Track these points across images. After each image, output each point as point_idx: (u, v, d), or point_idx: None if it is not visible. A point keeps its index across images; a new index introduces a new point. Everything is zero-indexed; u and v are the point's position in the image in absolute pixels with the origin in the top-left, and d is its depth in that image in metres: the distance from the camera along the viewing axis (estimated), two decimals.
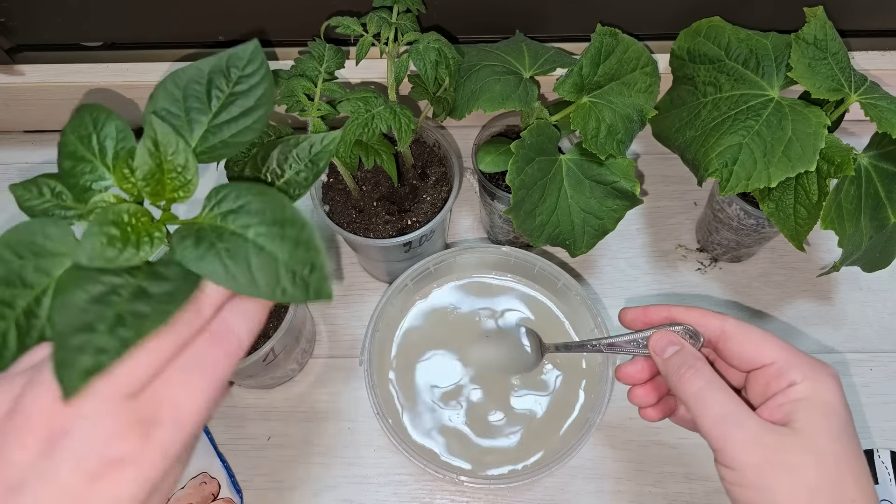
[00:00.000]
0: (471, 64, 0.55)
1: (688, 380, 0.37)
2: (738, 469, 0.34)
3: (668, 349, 0.40)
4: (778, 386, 0.36)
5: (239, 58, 0.36)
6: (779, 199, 0.51)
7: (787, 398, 0.35)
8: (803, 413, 0.34)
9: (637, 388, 0.43)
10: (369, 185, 0.62)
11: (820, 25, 0.50)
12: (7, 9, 0.63)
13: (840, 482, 0.33)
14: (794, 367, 0.36)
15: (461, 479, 0.52)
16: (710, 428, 0.35)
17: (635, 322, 0.43)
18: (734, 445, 0.34)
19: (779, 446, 0.33)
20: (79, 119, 0.34)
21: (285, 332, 0.53)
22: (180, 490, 0.58)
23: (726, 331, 0.39)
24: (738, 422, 0.35)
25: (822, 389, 0.35)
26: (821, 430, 0.34)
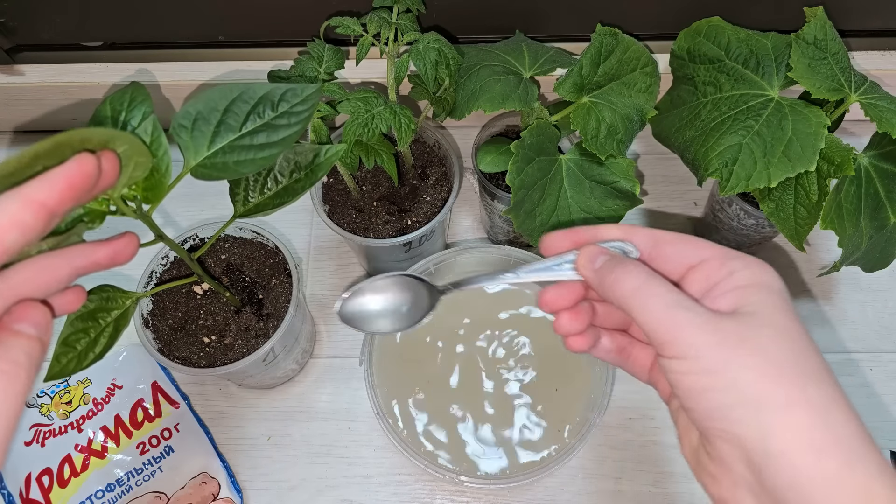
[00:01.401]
0: (471, 64, 0.55)
1: (624, 279, 0.34)
2: (690, 356, 0.30)
3: (599, 258, 0.35)
4: (719, 275, 0.33)
5: (296, 94, 0.37)
6: (779, 199, 0.51)
7: (731, 284, 0.32)
8: (752, 296, 0.32)
9: (563, 315, 0.37)
10: (369, 185, 0.62)
11: (820, 25, 0.50)
12: (7, 9, 0.63)
13: (801, 355, 0.31)
14: (733, 259, 0.33)
15: (461, 479, 0.52)
16: (657, 319, 0.32)
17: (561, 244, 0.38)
18: (686, 331, 0.31)
19: (734, 326, 0.31)
20: (122, 93, 0.37)
21: (285, 332, 0.53)
22: (180, 490, 0.58)
23: (658, 238, 0.36)
24: (688, 307, 0.32)
25: (765, 275, 0.33)
26: (773, 308, 0.32)
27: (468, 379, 0.58)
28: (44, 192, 0.27)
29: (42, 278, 0.30)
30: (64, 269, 0.31)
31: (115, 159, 0.30)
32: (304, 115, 0.37)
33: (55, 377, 0.40)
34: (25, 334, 0.29)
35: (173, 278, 0.56)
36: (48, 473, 0.58)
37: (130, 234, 0.34)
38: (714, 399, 0.30)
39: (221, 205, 0.44)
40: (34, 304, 0.30)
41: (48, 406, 0.61)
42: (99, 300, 0.42)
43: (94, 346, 0.41)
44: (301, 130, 0.37)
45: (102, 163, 0.29)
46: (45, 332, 0.30)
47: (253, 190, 0.44)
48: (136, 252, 0.34)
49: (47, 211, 0.27)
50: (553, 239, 0.38)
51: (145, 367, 0.63)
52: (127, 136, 0.30)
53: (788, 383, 0.29)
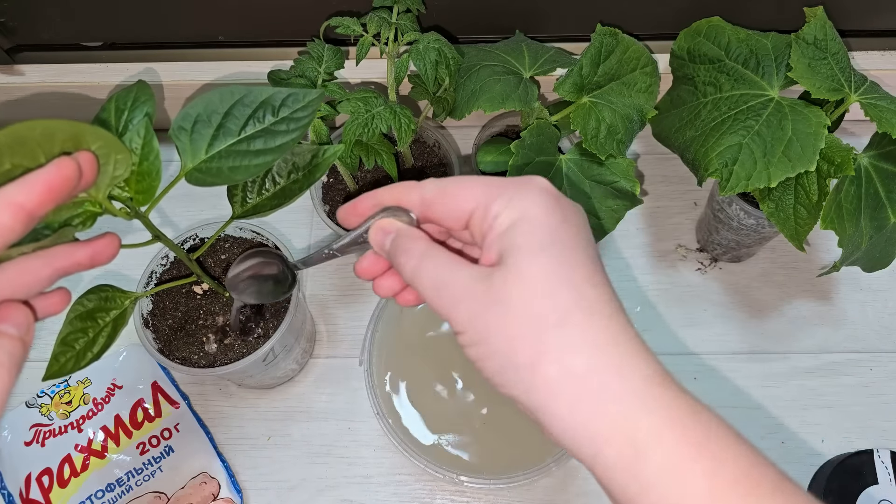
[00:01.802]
0: (471, 64, 0.55)
1: (404, 264, 0.33)
2: (463, 331, 0.30)
3: (386, 240, 0.35)
4: (485, 227, 0.32)
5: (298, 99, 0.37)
6: (779, 199, 0.51)
7: (494, 234, 0.31)
8: (507, 241, 0.30)
9: (380, 280, 0.38)
10: (369, 185, 0.62)
11: (820, 25, 0.50)
12: (7, 9, 0.63)
13: (546, 299, 0.29)
14: (495, 200, 0.32)
15: (461, 478, 0.52)
16: (432, 303, 0.32)
17: (349, 218, 0.37)
18: (450, 306, 0.31)
19: (487, 287, 0.30)
20: (127, 91, 0.36)
21: (285, 332, 0.53)
22: (180, 490, 0.58)
23: (426, 197, 0.34)
24: (449, 282, 0.31)
25: (525, 207, 0.31)
26: (523, 252, 0.30)
27: (466, 379, 0.58)
28: (23, 194, 0.27)
29: (23, 280, 0.31)
30: (45, 271, 0.31)
31: (92, 160, 0.30)
32: (304, 122, 0.37)
33: (53, 376, 0.40)
34: (7, 334, 0.29)
35: (173, 278, 0.56)
36: (48, 473, 0.58)
37: (111, 234, 0.34)
38: (489, 366, 0.30)
39: (221, 205, 0.44)
40: (16, 304, 0.30)
41: (48, 406, 0.61)
42: (98, 300, 0.42)
43: (92, 345, 0.41)
44: (299, 137, 0.36)
45: (81, 164, 0.29)
46: (27, 332, 0.30)
47: (251, 191, 0.44)
48: (117, 252, 0.34)
49: (26, 213, 0.27)
50: (344, 214, 0.37)
51: (145, 367, 0.63)
52: (98, 131, 0.30)
53: (530, 340, 0.29)
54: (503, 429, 0.57)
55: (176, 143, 0.36)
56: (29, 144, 0.27)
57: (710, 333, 0.66)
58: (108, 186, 0.33)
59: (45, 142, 0.28)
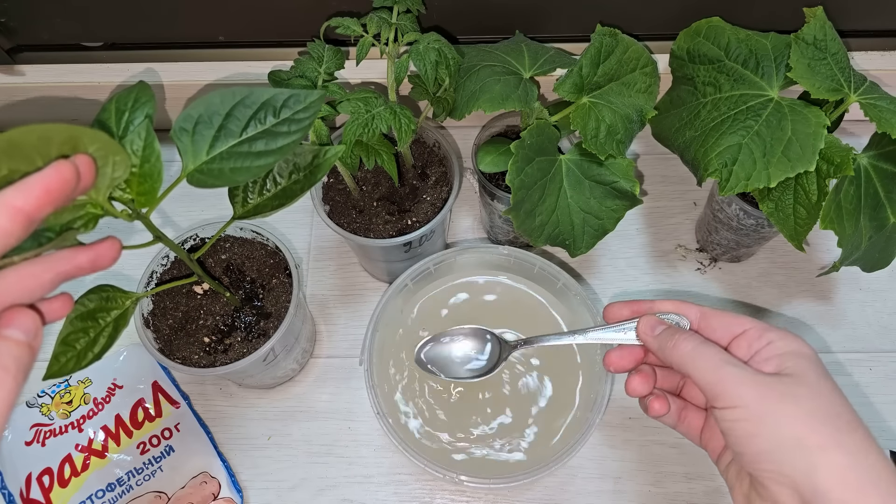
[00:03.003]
0: (471, 64, 0.55)
1: (681, 343, 0.40)
2: (738, 405, 0.36)
3: (658, 328, 0.43)
4: (759, 344, 0.39)
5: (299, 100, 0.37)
6: (778, 199, 0.51)
7: (772, 352, 0.38)
8: (790, 362, 0.38)
9: (633, 379, 0.45)
10: (369, 185, 0.62)
11: (819, 25, 0.50)
12: (7, 9, 0.63)
13: (836, 408, 0.36)
14: (769, 331, 0.40)
15: (461, 478, 0.53)
16: (710, 375, 0.38)
17: (621, 313, 0.46)
18: (735, 384, 0.37)
19: (777, 383, 0.37)
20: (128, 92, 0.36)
21: (285, 332, 0.53)
22: (181, 490, 0.59)
23: (705, 311, 0.43)
24: (736, 364, 0.38)
25: (800, 345, 0.39)
26: (809, 371, 0.37)
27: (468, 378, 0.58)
28: (21, 197, 0.27)
29: (25, 284, 0.31)
30: (47, 275, 0.31)
31: (90, 162, 0.30)
32: (306, 123, 0.37)
33: (54, 376, 0.40)
34: (14, 339, 0.29)
35: (174, 278, 0.56)
36: (49, 473, 0.59)
37: (112, 238, 0.34)
38: (761, 443, 0.36)
39: (221, 205, 0.44)
40: (24, 309, 0.30)
41: (49, 406, 0.61)
42: (98, 300, 0.42)
43: (93, 345, 0.41)
44: (300, 139, 0.36)
45: (79, 166, 0.29)
46: (35, 337, 0.30)
47: (252, 191, 0.44)
48: (119, 256, 0.35)
49: (25, 216, 0.27)
50: (615, 308, 0.46)
51: (146, 367, 0.63)
52: (95, 133, 0.29)
53: (822, 431, 0.35)
54: (503, 428, 0.57)
55: (177, 144, 0.36)
56: (25, 149, 0.27)
57: None
58: (108, 188, 0.33)
59: (42, 146, 0.28)
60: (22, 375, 0.29)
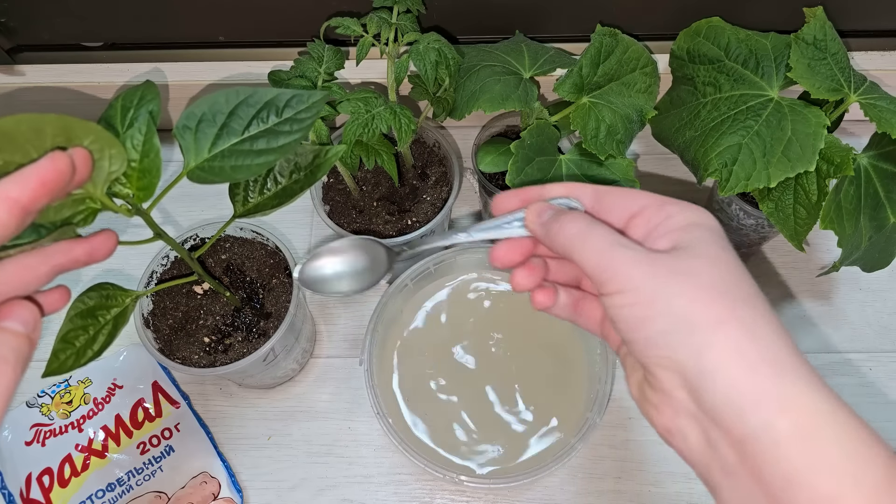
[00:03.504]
0: (471, 64, 0.55)
1: (567, 226, 0.35)
2: (628, 289, 0.32)
3: (546, 212, 0.37)
4: (657, 219, 0.35)
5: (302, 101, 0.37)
6: (778, 200, 0.51)
7: (669, 227, 0.34)
8: (687, 234, 0.33)
9: (518, 272, 0.39)
10: (369, 185, 0.62)
11: (819, 25, 0.50)
12: (7, 9, 0.63)
13: (734, 279, 0.32)
14: (669, 204, 0.35)
15: (461, 478, 0.53)
16: (596, 258, 0.33)
17: (509, 203, 0.40)
18: (623, 266, 0.32)
19: (669, 259, 0.32)
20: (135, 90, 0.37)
21: (285, 332, 0.53)
22: (181, 490, 0.59)
23: (600, 191, 0.38)
24: (625, 244, 0.33)
25: (701, 215, 0.34)
26: (707, 242, 0.33)
27: (468, 379, 0.58)
28: (17, 189, 0.27)
29: (21, 277, 0.31)
30: (43, 267, 0.32)
31: (86, 155, 0.30)
32: (307, 123, 0.37)
33: (53, 373, 0.40)
34: (13, 331, 0.29)
35: (174, 278, 0.56)
36: (49, 473, 0.58)
37: (108, 231, 0.34)
38: (651, 327, 0.31)
39: (222, 204, 0.44)
40: (22, 301, 0.30)
41: (49, 406, 0.61)
42: (98, 297, 0.42)
43: (92, 343, 0.41)
44: (301, 138, 0.37)
45: (75, 159, 0.29)
46: (34, 329, 0.30)
47: (252, 190, 0.44)
48: (114, 249, 0.35)
49: (21, 208, 0.27)
50: (503, 198, 0.40)
51: (146, 367, 0.63)
52: (88, 125, 0.30)
53: (719, 304, 0.30)
54: (504, 429, 0.57)
55: (179, 142, 0.36)
56: (18, 140, 0.27)
57: None
58: (106, 182, 0.33)
59: (35, 137, 0.28)
60: (21, 367, 0.29)
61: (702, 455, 0.31)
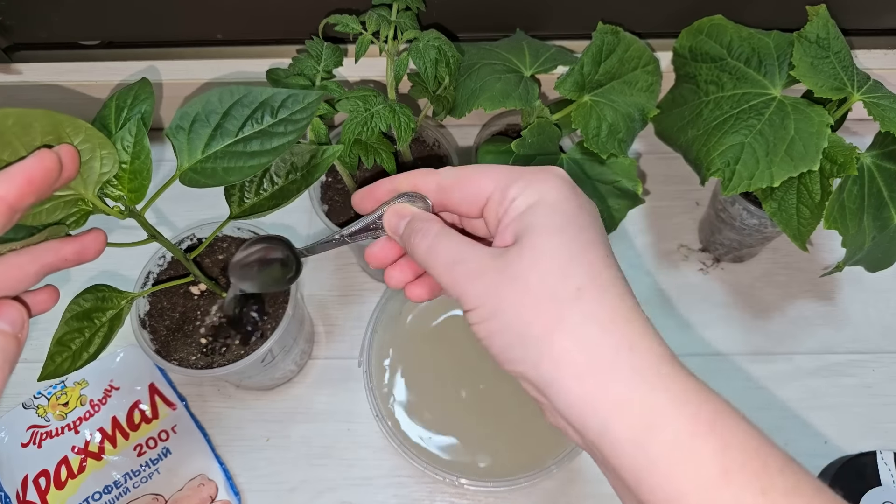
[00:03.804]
0: (471, 62, 0.55)
1: (418, 244, 0.34)
2: (475, 306, 0.31)
3: (400, 224, 0.36)
4: (501, 209, 0.33)
5: (297, 101, 0.37)
6: (781, 199, 0.51)
7: (510, 217, 0.32)
8: (524, 222, 0.31)
9: (391, 270, 0.38)
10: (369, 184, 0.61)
11: (822, 24, 0.50)
12: (4, 7, 0.63)
13: (563, 274, 0.30)
14: (512, 185, 0.33)
15: (461, 481, 0.52)
16: (444, 279, 0.32)
17: (364, 203, 0.39)
18: (466, 284, 0.31)
19: (503, 264, 0.31)
20: (129, 89, 0.37)
21: (283, 333, 0.53)
22: (178, 492, 0.58)
23: (443, 182, 0.35)
24: (464, 259, 0.32)
25: (543, 191, 0.32)
26: (540, 231, 0.31)
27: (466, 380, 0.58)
28: (3, 187, 0.27)
29: (10, 275, 0.31)
30: (32, 266, 0.31)
31: (73, 152, 0.30)
32: (303, 124, 0.37)
33: (49, 376, 0.40)
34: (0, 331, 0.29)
35: (170, 279, 0.55)
36: (45, 475, 0.58)
37: (97, 230, 0.34)
38: (498, 342, 0.31)
39: (219, 205, 0.44)
40: (10, 301, 0.30)
41: (45, 407, 0.61)
42: (94, 300, 0.41)
43: (88, 345, 0.41)
44: (295, 140, 0.36)
45: (62, 157, 0.29)
46: (21, 329, 0.30)
47: (249, 191, 0.43)
48: (103, 248, 0.34)
49: (7, 206, 0.27)
50: (359, 198, 0.39)
51: (142, 369, 0.63)
52: (77, 122, 0.29)
53: (545, 312, 0.29)
54: (504, 430, 0.56)
55: (173, 143, 0.35)
56: (5, 135, 0.27)
57: (713, 334, 0.65)
58: (97, 184, 0.32)
59: (23, 132, 0.27)
60: (8, 367, 0.29)
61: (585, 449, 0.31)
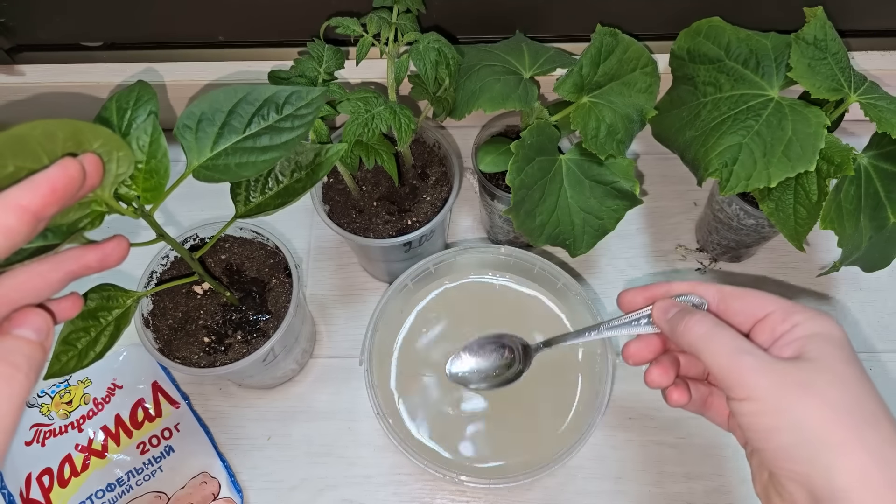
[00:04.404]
0: (471, 64, 0.55)
1: (694, 325, 0.37)
2: (754, 397, 0.33)
3: (672, 310, 0.39)
4: (783, 328, 0.36)
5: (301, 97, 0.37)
6: (778, 199, 0.51)
7: (795, 336, 0.35)
8: (813, 345, 0.34)
9: (652, 370, 0.42)
10: (369, 185, 0.62)
11: (820, 25, 0.50)
12: (7, 9, 0.63)
13: (859, 398, 0.33)
14: (796, 312, 0.36)
15: (461, 478, 0.52)
16: (722, 361, 0.35)
17: (636, 299, 0.43)
18: (749, 373, 0.34)
19: (795, 370, 0.34)
20: (128, 91, 0.37)
21: (285, 332, 0.53)
22: (180, 490, 0.59)
23: (725, 291, 0.39)
24: (752, 352, 0.35)
25: (827, 326, 0.36)
26: (832, 356, 0.34)
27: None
28: (27, 196, 0.27)
29: (34, 283, 0.31)
30: (55, 274, 0.32)
31: (97, 161, 0.30)
32: (308, 119, 0.37)
33: (55, 375, 0.40)
34: (25, 338, 0.29)
35: (174, 278, 0.56)
36: (48, 473, 0.58)
37: (120, 236, 0.34)
38: (779, 439, 0.33)
39: (222, 204, 0.44)
40: (35, 309, 0.30)
41: (48, 406, 0.61)
42: (100, 299, 0.42)
43: (94, 344, 0.41)
44: (304, 134, 0.37)
45: (85, 165, 0.29)
46: (47, 337, 0.30)
47: (254, 190, 0.44)
48: (126, 254, 0.35)
49: (31, 215, 0.27)
50: (629, 295, 0.43)
51: (145, 367, 0.63)
52: (97, 128, 0.29)
53: (845, 425, 0.32)
54: (504, 429, 0.57)
55: (181, 142, 0.36)
56: (31, 145, 0.27)
57: None
58: (113, 185, 0.33)
59: (47, 142, 0.28)
60: (34, 374, 0.29)
61: None
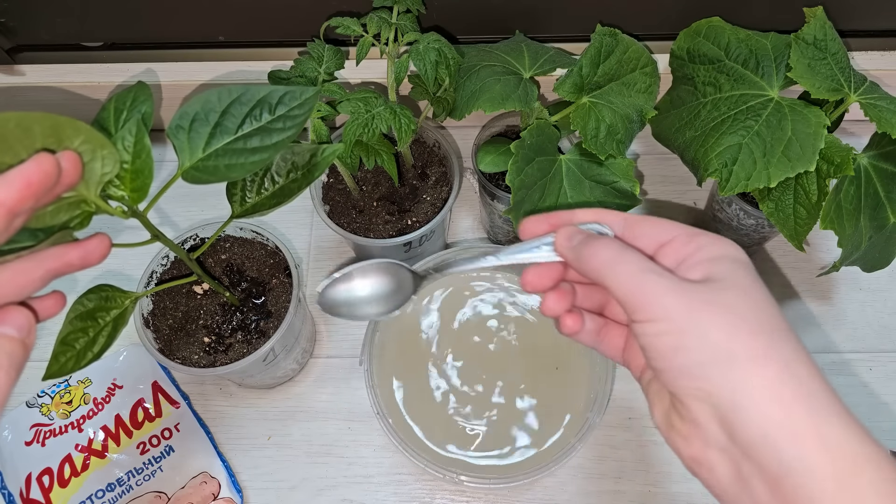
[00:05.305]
0: (471, 64, 0.55)
1: (599, 250, 0.35)
2: (661, 318, 0.32)
3: (576, 236, 0.37)
4: (688, 250, 0.35)
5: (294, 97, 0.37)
6: (778, 200, 0.51)
7: (700, 258, 0.34)
8: (718, 266, 0.33)
9: (548, 296, 0.39)
10: (369, 185, 0.62)
11: (820, 25, 0.50)
12: (7, 9, 0.63)
13: (767, 316, 0.32)
14: (700, 235, 0.35)
15: (461, 478, 0.53)
16: (628, 284, 0.33)
17: (538, 227, 0.40)
18: (656, 294, 0.32)
19: (703, 289, 0.32)
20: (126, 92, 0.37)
21: (285, 332, 0.53)
22: (180, 490, 0.59)
23: (629, 219, 0.38)
24: (659, 272, 0.33)
25: (731, 248, 0.35)
26: (738, 276, 0.33)
27: (466, 378, 0.58)
28: (2, 191, 0.27)
29: (17, 281, 0.31)
30: (37, 272, 0.31)
31: (75, 158, 0.30)
32: (300, 119, 0.37)
33: (54, 376, 0.40)
34: (7, 336, 0.29)
35: (173, 278, 0.56)
36: (48, 473, 0.59)
37: (102, 234, 0.34)
38: (685, 357, 0.31)
39: (222, 205, 0.44)
40: (17, 307, 0.31)
41: (48, 406, 0.61)
42: (98, 299, 0.42)
43: (92, 345, 0.41)
44: (295, 135, 0.36)
45: (63, 162, 0.29)
46: (28, 334, 0.30)
47: (250, 190, 0.44)
48: (108, 252, 0.35)
49: (6, 210, 0.27)
50: (531, 222, 0.40)
51: (146, 367, 0.63)
52: (77, 124, 0.29)
53: (755, 339, 0.30)
54: (504, 429, 0.57)
55: (173, 142, 0.36)
56: (7, 139, 0.27)
57: None
58: (99, 184, 0.33)
59: (24, 136, 0.28)
60: (15, 372, 0.29)
61: (730, 488, 0.31)
